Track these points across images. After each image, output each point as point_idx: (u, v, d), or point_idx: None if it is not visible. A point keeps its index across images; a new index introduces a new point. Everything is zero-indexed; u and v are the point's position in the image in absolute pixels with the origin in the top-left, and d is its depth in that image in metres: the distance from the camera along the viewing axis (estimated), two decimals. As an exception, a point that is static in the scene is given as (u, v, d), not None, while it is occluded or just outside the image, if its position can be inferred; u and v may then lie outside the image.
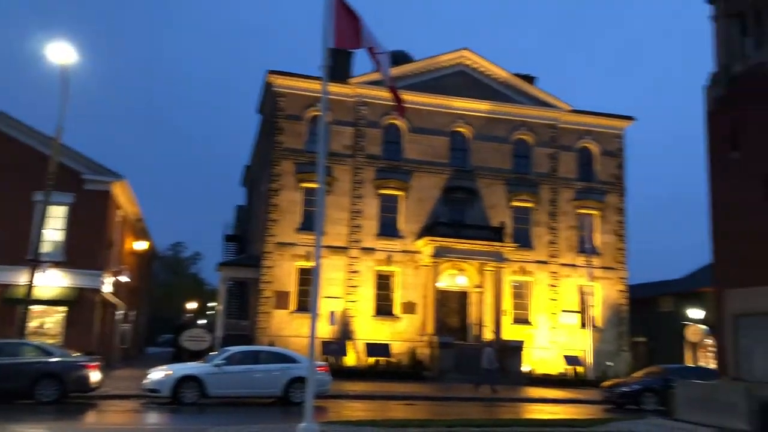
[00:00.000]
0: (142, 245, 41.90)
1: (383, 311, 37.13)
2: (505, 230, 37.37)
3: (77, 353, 20.69)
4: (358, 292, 36.81)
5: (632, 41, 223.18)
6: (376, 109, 38.51)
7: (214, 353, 22.25)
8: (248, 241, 48.42)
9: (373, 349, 35.28)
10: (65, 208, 28.75)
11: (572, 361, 37.36)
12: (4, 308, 26.53)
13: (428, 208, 38.44)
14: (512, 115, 40.56)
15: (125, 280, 35.46)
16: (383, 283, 37.59)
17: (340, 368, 31.57)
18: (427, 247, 36.51)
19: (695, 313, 38.58)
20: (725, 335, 16.39)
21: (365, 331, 36.31)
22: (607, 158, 41.73)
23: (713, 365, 28.58)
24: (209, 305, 74.46)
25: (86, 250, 28.60)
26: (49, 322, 28.30)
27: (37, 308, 27.30)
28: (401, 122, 38.77)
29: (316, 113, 37.41)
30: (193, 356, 28.50)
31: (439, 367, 33.35)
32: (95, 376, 18.92)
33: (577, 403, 25.88)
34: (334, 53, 12.60)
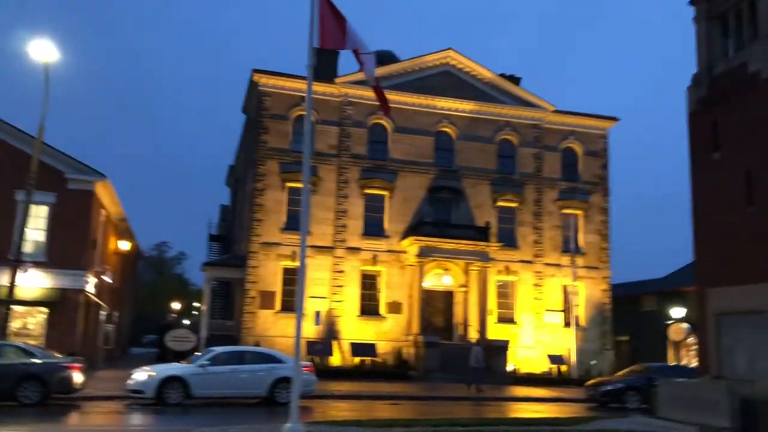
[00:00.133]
0: (125, 245, 41.63)
1: (369, 311, 37.15)
2: (490, 230, 37.54)
3: (60, 354, 20.53)
4: (343, 291, 36.80)
5: (615, 42, 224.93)
6: (361, 108, 38.50)
7: (198, 354, 22.16)
8: (233, 240, 48.23)
9: (358, 348, 35.28)
10: (47, 207, 28.52)
11: (556, 360, 37.60)
12: (-15, 309, 26.21)
13: (413, 207, 38.51)
14: (497, 115, 40.74)
15: (109, 280, 35.22)
16: (369, 282, 37.62)
17: (325, 368, 31.56)
18: (412, 246, 36.58)
19: (677, 312, 38.99)
20: (707, 334, 16.57)
21: (351, 331, 36.31)
22: (591, 158, 42.03)
23: (695, 363, 28.85)
24: (194, 305, 74.12)
25: (69, 250, 28.38)
26: (31, 322, 28.05)
27: (19, 309, 27.05)
28: (387, 122, 38.80)
29: (301, 113, 37.30)
30: (177, 357, 28.34)
31: (424, 366, 33.42)
32: (78, 377, 18.75)
33: (561, 401, 26.03)
34: (319, 53, 12.59)
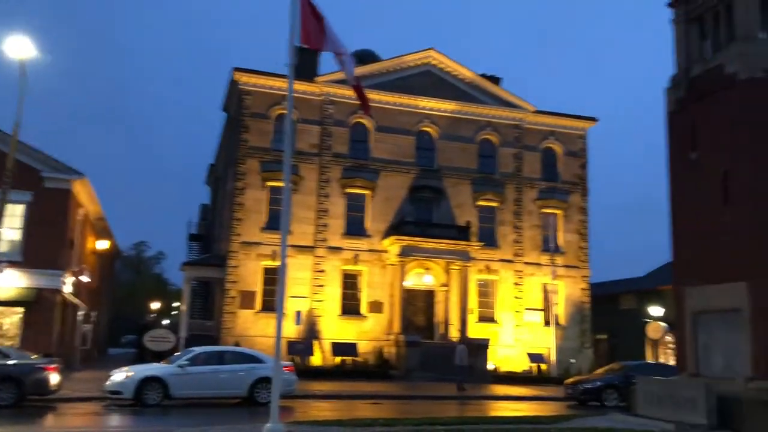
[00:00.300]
0: (103, 244, 41.16)
1: (350, 310, 37.09)
2: (471, 229, 37.67)
3: (36, 355, 20.25)
4: (324, 291, 36.70)
5: (595, 43, 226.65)
6: (342, 107, 38.42)
7: (178, 354, 21.98)
8: (213, 240, 47.89)
9: (339, 348, 35.21)
10: (24, 206, 28.08)
11: (536, 358, 37.83)
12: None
13: (395, 207, 38.51)
14: (478, 115, 40.88)
15: (86, 279, 34.76)
16: (350, 282, 37.56)
17: (306, 368, 31.47)
18: (393, 246, 36.58)
19: (656, 310, 39.40)
20: (684, 332, 16.73)
21: (332, 330, 36.23)
22: (570, 158, 42.34)
23: (673, 361, 29.16)
24: (173, 305, 73.47)
25: (46, 249, 27.98)
26: (6, 323, 27.59)
27: (-7, 309, 26.62)
28: (368, 121, 38.76)
29: (282, 111, 37.13)
30: (156, 357, 28.09)
31: (405, 365, 33.45)
32: (55, 378, 18.53)
33: (540, 400, 26.20)
34: (300, 51, 12.53)
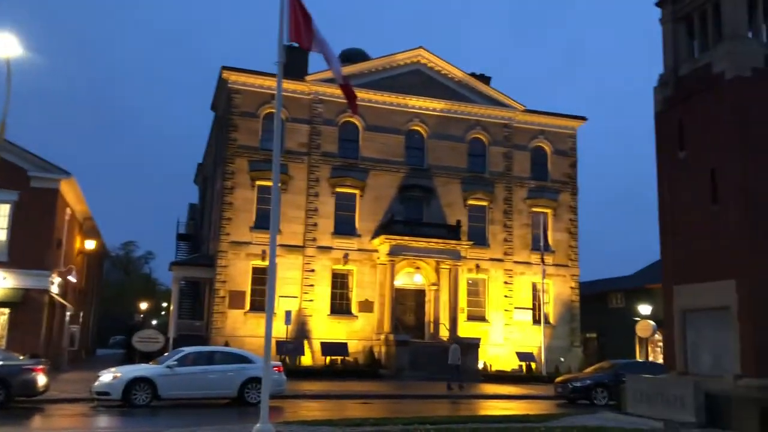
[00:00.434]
0: (91, 244, 40.86)
1: (340, 310, 37.03)
2: (461, 228, 37.69)
3: (23, 356, 20.07)
4: (314, 291, 36.62)
5: (585, 42, 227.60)
6: (331, 106, 38.33)
7: (166, 354, 21.85)
8: (202, 240, 47.68)
9: (329, 348, 35.13)
10: (10, 206, 27.91)
11: (525, 357, 37.89)
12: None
13: (385, 206, 38.48)
14: (467, 114, 40.91)
15: (74, 280, 34.55)
16: (340, 281, 37.50)
17: (296, 368, 31.39)
18: (383, 245, 36.54)
19: (645, 308, 39.56)
20: (673, 330, 16.79)
21: (322, 330, 36.15)
22: (560, 157, 42.46)
23: (662, 360, 29.31)
24: (162, 306, 73.14)
25: (32, 249, 27.80)
26: (-8, 324, 27.38)
27: (-21, 310, 26.39)
28: (357, 120, 38.69)
29: (271, 110, 36.97)
30: (145, 358, 27.90)
31: (395, 365, 33.42)
32: (42, 379, 18.38)
33: (530, 399, 26.24)
34: (290, 50, 12.46)
